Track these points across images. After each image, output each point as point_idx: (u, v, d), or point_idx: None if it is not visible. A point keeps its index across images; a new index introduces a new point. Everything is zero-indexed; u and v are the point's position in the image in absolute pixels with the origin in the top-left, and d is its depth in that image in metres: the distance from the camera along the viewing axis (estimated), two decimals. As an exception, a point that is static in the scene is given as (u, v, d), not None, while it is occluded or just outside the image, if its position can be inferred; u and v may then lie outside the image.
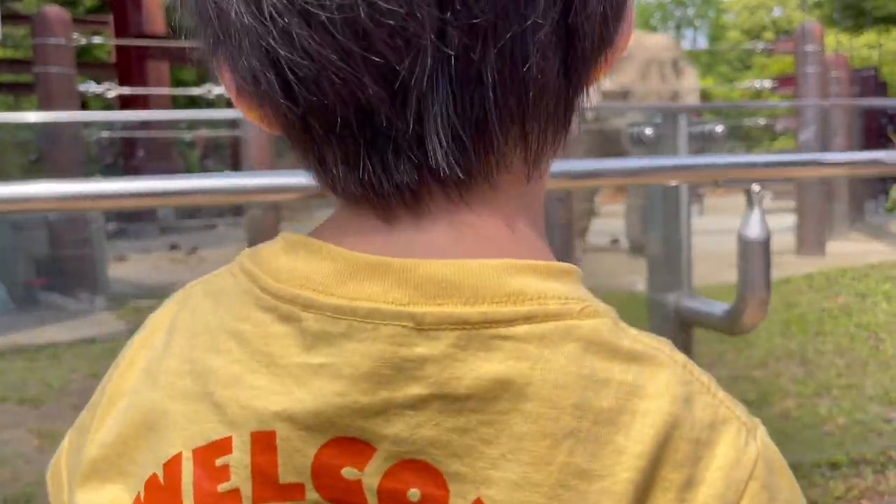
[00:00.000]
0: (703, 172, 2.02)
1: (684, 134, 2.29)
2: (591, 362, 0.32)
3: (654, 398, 0.32)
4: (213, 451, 0.33)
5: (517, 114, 0.33)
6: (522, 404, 0.31)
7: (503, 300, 0.32)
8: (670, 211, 2.30)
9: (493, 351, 0.31)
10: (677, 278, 2.29)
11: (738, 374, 3.61)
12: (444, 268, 0.32)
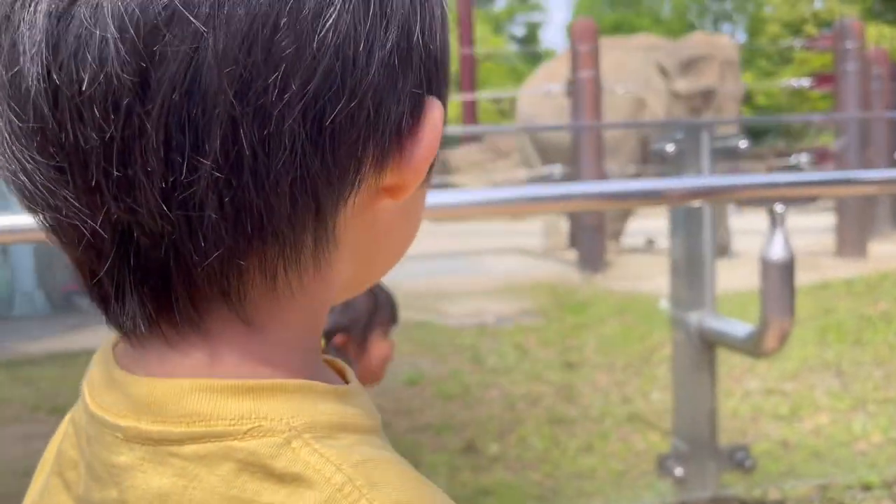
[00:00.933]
0: (725, 193, 2.00)
1: (707, 150, 2.27)
2: (244, 483, 0.34)
3: None
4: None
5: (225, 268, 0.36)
6: None
7: (178, 420, 0.35)
8: (693, 229, 2.28)
9: (165, 466, 0.35)
10: (700, 296, 2.26)
11: (770, 387, 3.56)
12: (146, 386, 0.36)
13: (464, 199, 2.34)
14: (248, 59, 0.32)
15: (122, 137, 0.32)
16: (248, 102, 0.32)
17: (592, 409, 3.35)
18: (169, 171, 0.32)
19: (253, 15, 0.32)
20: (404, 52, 0.35)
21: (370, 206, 0.37)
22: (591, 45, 7.26)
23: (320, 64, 0.32)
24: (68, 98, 0.32)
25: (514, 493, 2.58)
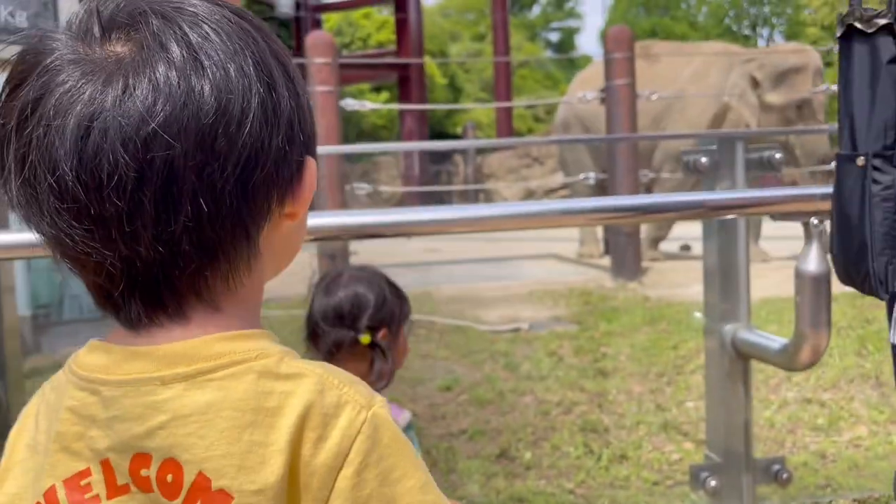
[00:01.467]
0: (760, 207, 2.00)
1: (742, 162, 2.27)
2: (263, 383, 0.55)
3: (299, 396, 0.55)
4: (78, 478, 0.57)
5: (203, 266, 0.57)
6: (221, 413, 0.54)
7: (208, 359, 0.56)
8: (728, 240, 2.28)
9: (204, 388, 0.55)
10: (735, 308, 2.26)
11: (807, 397, 3.52)
12: (171, 348, 0.57)
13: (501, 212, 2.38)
14: (201, 155, 0.53)
15: (129, 208, 0.53)
16: (203, 180, 0.53)
17: (626, 418, 3.35)
18: (159, 224, 0.53)
19: (202, 130, 0.52)
20: (290, 137, 0.57)
21: (277, 227, 0.60)
22: (626, 52, 7.24)
23: (242, 153, 0.54)
24: (93, 189, 0.52)
25: (548, 501, 2.60)
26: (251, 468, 0.54)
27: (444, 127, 24.84)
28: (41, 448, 0.59)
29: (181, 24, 0.54)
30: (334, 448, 0.55)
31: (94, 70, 0.53)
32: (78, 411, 0.58)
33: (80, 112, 0.51)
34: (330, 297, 1.46)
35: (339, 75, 7.08)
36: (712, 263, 2.33)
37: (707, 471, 2.32)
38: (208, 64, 0.53)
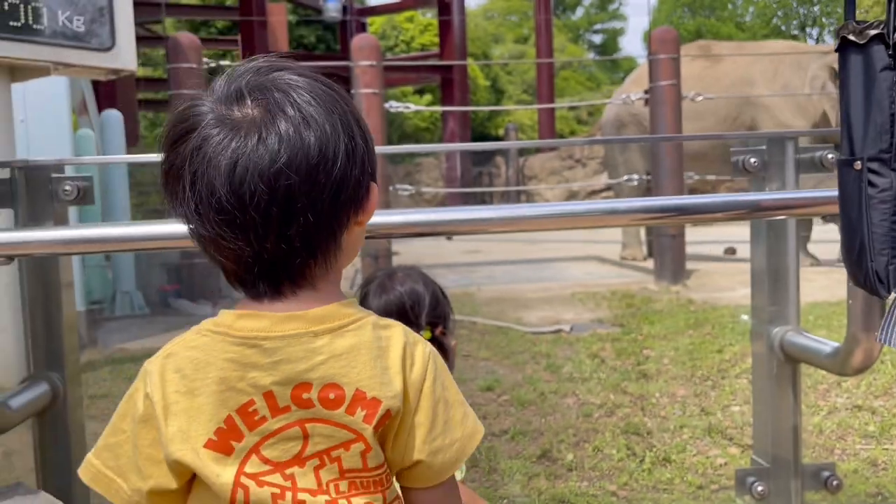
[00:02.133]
0: (810, 208, 1.97)
1: (792, 162, 2.23)
2: (377, 332, 0.84)
3: (396, 338, 0.84)
4: (246, 406, 0.79)
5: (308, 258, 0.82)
6: (361, 351, 0.81)
7: (343, 317, 0.83)
8: (777, 241, 2.25)
9: (345, 337, 0.82)
10: (783, 311, 2.23)
11: (858, 403, 3.44)
12: (313, 313, 0.82)
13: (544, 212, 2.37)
14: (308, 185, 0.78)
15: (263, 218, 0.77)
16: (309, 201, 0.78)
17: (669, 421, 3.32)
18: (280, 230, 0.78)
19: (310, 168, 0.77)
20: (363, 170, 0.82)
21: (351, 231, 0.84)
22: (671, 53, 7.16)
23: (334, 182, 0.79)
24: (239, 206, 0.77)
25: (590, 503, 2.59)
26: (387, 383, 0.81)
27: (487, 129, 24.83)
28: (200, 391, 0.80)
29: (293, 94, 0.80)
30: (420, 369, 0.84)
31: (236, 126, 0.78)
32: (237, 360, 0.80)
33: (229, 155, 0.77)
34: (388, 294, 1.47)
35: (384, 78, 7.14)
36: (760, 265, 2.29)
37: (754, 476, 2.28)
38: (312, 122, 0.79)
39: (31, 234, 1.71)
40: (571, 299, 6.39)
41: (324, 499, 0.80)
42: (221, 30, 20.73)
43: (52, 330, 1.97)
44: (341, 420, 0.80)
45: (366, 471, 0.81)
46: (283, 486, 0.79)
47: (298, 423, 0.79)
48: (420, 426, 0.82)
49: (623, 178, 8.52)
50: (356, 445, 0.80)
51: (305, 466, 0.80)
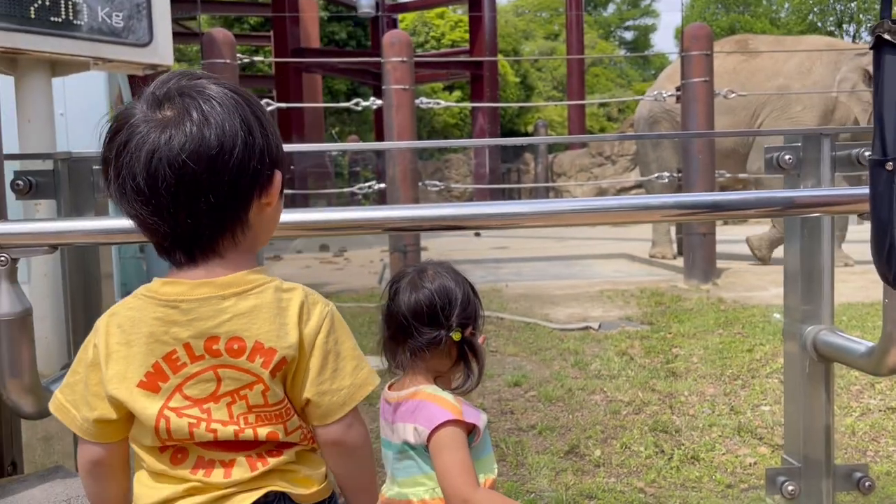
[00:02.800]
0: (847, 206, 1.95)
1: (828, 159, 2.21)
2: (278, 294, 1.01)
3: (296, 299, 1.02)
4: (170, 354, 0.98)
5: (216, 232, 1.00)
6: (262, 310, 0.99)
7: (247, 284, 1.00)
8: (811, 240, 2.23)
9: (248, 299, 1.00)
10: (817, 310, 2.21)
11: (892, 405, 3.39)
12: (221, 279, 1.00)
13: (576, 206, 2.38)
14: (209, 171, 0.95)
15: (172, 199, 0.95)
16: (211, 184, 0.95)
17: (698, 420, 3.30)
18: (188, 208, 0.96)
19: (210, 158, 0.95)
20: (261, 160, 0.99)
21: (261, 210, 1.02)
22: (704, 50, 7.09)
23: (233, 169, 0.96)
24: (153, 189, 0.95)
25: (618, 499, 2.59)
26: (283, 336, 0.99)
27: (516, 125, 24.76)
28: (134, 343, 0.99)
29: (200, 100, 0.97)
30: (315, 324, 1.02)
31: (155, 125, 0.96)
32: (163, 318, 0.99)
33: (147, 148, 0.95)
34: (418, 292, 1.42)
35: (414, 74, 7.17)
36: (794, 263, 2.28)
37: (784, 475, 2.27)
38: (213, 122, 0.96)
39: (74, 223, 1.76)
40: (600, 297, 6.37)
41: (233, 428, 0.99)
42: (254, 26, 20.92)
43: (92, 318, 2.02)
44: (244, 366, 0.99)
45: (267, 406, 1.01)
46: (199, 418, 0.98)
47: (212, 368, 0.98)
48: (310, 370, 1.01)
49: (654, 176, 8.45)
50: (258, 386, 0.99)
51: (220, 402, 0.99)
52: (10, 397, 1.67)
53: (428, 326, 1.40)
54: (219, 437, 0.99)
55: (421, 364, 1.43)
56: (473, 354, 1.44)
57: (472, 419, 1.37)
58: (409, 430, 1.38)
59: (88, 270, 2.00)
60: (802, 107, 7.93)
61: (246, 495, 1.00)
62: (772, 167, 2.27)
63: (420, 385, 1.43)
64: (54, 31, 3.37)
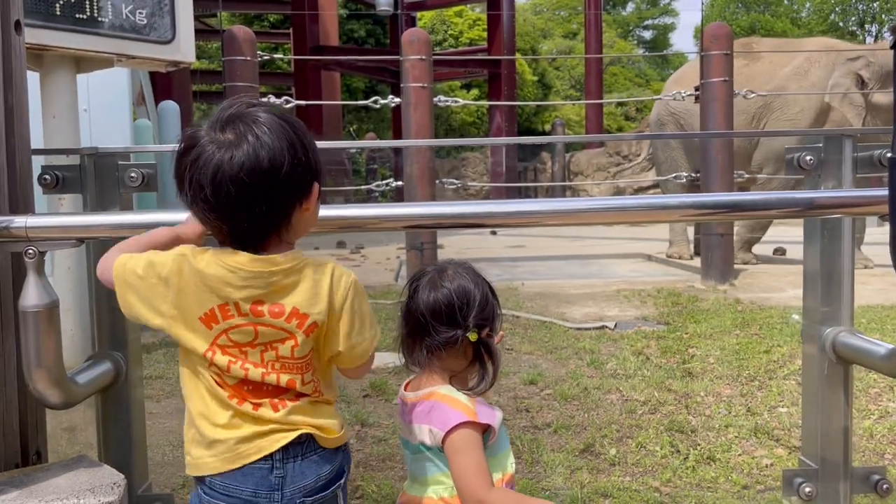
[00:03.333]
0: (868, 207, 1.94)
1: (850, 161, 2.20)
2: (314, 270, 1.26)
3: (327, 273, 1.26)
4: (224, 306, 1.22)
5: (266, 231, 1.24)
6: (300, 283, 1.24)
7: (289, 263, 1.24)
8: (831, 241, 2.22)
9: (290, 276, 1.24)
10: (837, 311, 2.20)
11: (911, 410, 3.37)
12: (276, 258, 1.23)
13: (594, 205, 2.38)
14: (263, 185, 1.18)
15: (234, 207, 1.19)
16: (265, 195, 1.19)
17: (714, 420, 3.30)
18: (246, 213, 1.20)
19: (264, 174, 1.18)
20: (303, 175, 1.22)
21: (301, 214, 1.25)
22: (724, 49, 7.05)
23: (281, 183, 1.19)
24: (216, 198, 1.18)
25: (633, 498, 2.59)
26: (315, 304, 1.23)
27: (533, 124, 24.71)
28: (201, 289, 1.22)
29: (254, 126, 1.20)
30: (342, 294, 1.25)
31: (219, 146, 1.18)
32: (223, 280, 1.21)
33: (213, 165, 1.17)
34: (437, 291, 1.43)
35: (432, 72, 7.18)
36: (814, 265, 2.27)
37: (802, 477, 2.26)
38: (265, 144, 1.18)
39: (100, 217, 1.79)
40: (616, 296, 6.36)
41: (261, 371, 1.24)
42: (274, 23, 21.00)
43: (117, 312, 2.04)
44: (281, 325, 1.22)
45: (293, 359, 1.24)
46: (237, 356, 1.23)
47: (252, 324, 1.22)
48: (341, 330, 1.26)
49: (671, 176, 8.42)
50: (289, 342, 1.23)
51: (255, 349, 1.23)
52: (36, 387, 1.71)
53: (445, 326, 1.41)
54: (249, 376, 1.23)
55: (437, 363, 1.44)
56: (489, 356, 1.45)
57: (486, 419, 1.38)
58: (425, 432, 1.39)
59: (113, 264, 2.03)
60: (800, 108, 7.88)
61: (282, 434, 1.24)
62: (792, 168, 2.26)
63: (435, 385, 1.44)
64: (79, 28, 3.42)
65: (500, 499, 1.33)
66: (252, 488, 1.23)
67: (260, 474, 1.23)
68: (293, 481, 1.24)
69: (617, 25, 37.95)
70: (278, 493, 1.24)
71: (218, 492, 1.25)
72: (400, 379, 4.00)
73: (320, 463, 1.28)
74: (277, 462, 1.24)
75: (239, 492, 1.24)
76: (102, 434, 2.06)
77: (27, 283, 1.62)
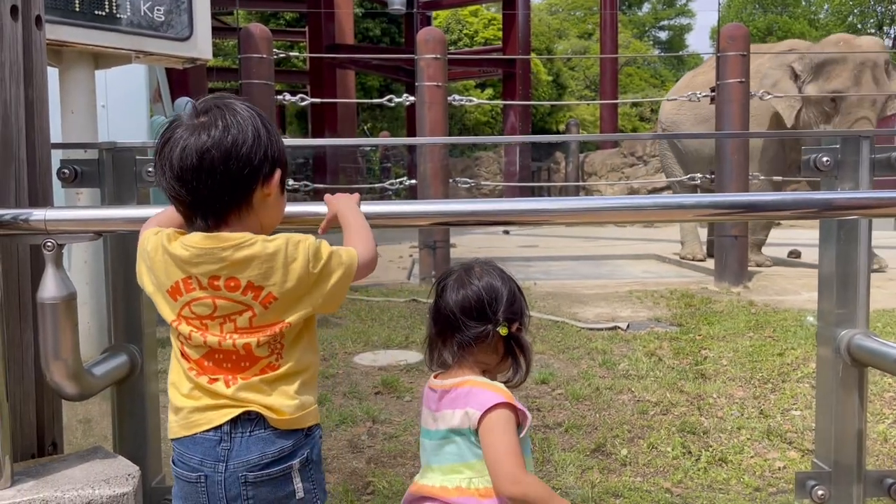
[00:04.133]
0: (886, 209, 1.93)
1: (867, 162, 2.19)
2: (265, 244, 1.29)
3: (280, 245, 1.29)
4: (187, 279, 1.31)
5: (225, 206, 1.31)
6: (252, 259, 1.28)
7: (240, 239, 1.28)
8: (847, 243, 2.21)
9: (242, 250, 1.28)
10: (852, 314, 2.19)
11: (926, 414, 3.35)
12: (227, 235, 1.29)
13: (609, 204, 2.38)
14: (223, 159, 1.27)
15: (196, 179, 1.27)
16: (225, 169, 1.27)
17: (727, 422, 3.28)
18: (207, 185, 1.27)
19: (226, 150, 1.28)
20: (263, 157, 1.30)
21: (262, 198, 1.32)
22: (741, 50, 7.01)
23: (241, 160, 1.28)
24: (183, 171, 1.28)
25: (644, 498, 2.59)
26: (269, 276, 1.28)
27: (548, 124, 24.66)
28: (168, 265, 1.31)
29: (226, 111, 1.30)
30: (302, 261, 1.29)
31: (190, 129, 1.28)
32: (181, 258, 1.29)
33: (181, 144, 1.27)
34: (466, 288, 1.46)
35: (447, 71, 7.18)
36: (829, 267, 2.26)
37: (814, 479, 2.25)
38: (233, 126, 1.28)
39: (118, 211, 1.81)
40: (629, 297, 6.34)
41: (217, 338, 1.30)
42: (290, 21, 21.07)
43: (133, 305, 2.07)
44: (238, 299, 1.29)
45: (251, 328, 1.30)
46: (198, 328, 1.31)
47: (211, 297, 1.30)
48: (308, 291, 1.31)
49: (685, 177, 8.38)
50: (247, 313, 1.30)
51: (215, 321, 1.30)
52: (53, 379, 1.72)
53: (475, 321, 1.43)
54: (208, 342, 1.31)
55: (469, 358, 1.46)
56: (520, 349, 1.47)
57: (522, 408, 1.40)
58: (458, 415, 1.40)
59: (129, 258, 2.05)
60: (754, 113, 7.80)
61: (231, 410, 1.30)
62: (809, 169, 2.25)
63: (469, 375, 1.45)
64: (98, 25, 3.45)
65: (534, 482, 1.34)
66: (200, 456, 1.30)
67: (209, 444, 1.30)
68: (238, 455, 1.29)
69: (633, 26, 37.81)
70: (223, 464, 1.29)
71: (177, 458, 1.34)
72: (412, 377, 4.01)
73: (267, 441, 1.30)
74: (226, 435, 1.30)
75: (189, 458, 1.31)
76: (117, 426, 2.07)
77: (45, 275, 1.64)
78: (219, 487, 1.29)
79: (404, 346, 4.55)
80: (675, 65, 36.74)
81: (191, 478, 1.31)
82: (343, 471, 2.83)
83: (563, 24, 35.01)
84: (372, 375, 4.01)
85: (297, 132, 22.10)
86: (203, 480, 1.30)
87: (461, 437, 1.40)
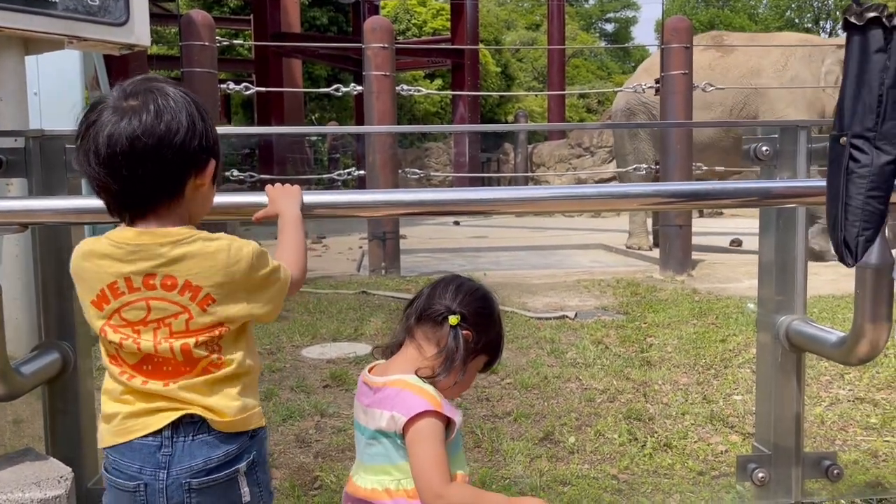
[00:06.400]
0: (821, 197, 1.97)
1: (804, 151, 2.23)
2: (205, 243, 1.25)
3: (219, 244, 1.25)
4: (113, 284, 1.23)
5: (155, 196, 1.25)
6: (192, 258, 1.23)
7: (179, 235, 1.24)
8: (786, 231, 2.25)
9: (180, 247, 1.24)
10: (790, 300, 2.24)
11: (860, 395, 3.46)
12: (164, 230, 1.25)
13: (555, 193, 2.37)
14: (155, 147, 1.21)
15: (125, 166, 1.21)
16: (156, 157, 1.21)
17: (671, 408, 3.34)
18: (137, 173, 1.21)
19: (158, 137, 1.21)
20: (198, 146, 1.25)
21: (195, 188, 1.27)
22: (684, 43, 7.12)
23: (174, 148, 1.22)
24: (111, 158, 1.20)
25: (591, 485, 2.61)
26: (209, 276, 1.23)
27: (497, 115, 24.75)
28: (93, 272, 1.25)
29: (158, 95, 1.23)
30: (245, 264, 1.25)
31: (118, 113, 1.21)
32: (110, 256, 1.23)
33: (108, 129, 1.20)
34: (468, 283, 1.52)
35: (395, 61, 7.12)
36: (768, 254, 2.30)
37: (755, 462, 2.30)
38: (167, 110, 1.22)
39: (45, 202, 1.73)
40: (576, 286, 6.40)
41: (152, 343, 1.24)
42: (234, 9, 20.64)
43: (64, 300, 1.99)
44: (174, 299, 1.23)
45: (188, 332, 1.24)
46: (129, 335, 1.24)
47: (145, 299, 1.23)
48: (248, 297, 1.26)
49: (631, 168, 8.50)
50: (183, 316, 1.23)
51: (148, 327, 1.24)
52: (-21, 378, 1.65)
53: (438, 299, 1.46)
54: (142, 348, 1.24)
55: (410, 344, 1.47)
56: (457, 351, 1.45)
57: (449, 413, 1.38)
58: (385, 417, 1.38)
59: (60, 250, 1.96)
60: (786, 104, 8.00)
61: (169, 413, 1.23)
62: (749, 158, 2.29)
63: (402, 374, 1.43)
64: (28, 8, 3.30)
65: (457, 493, 1.33)
66: (139, 464, 1.23)
67: (147, 451, 1.23)
68: (180, 461, 1.22)
69: (580, 18, 38.17)
70: (164, 471, 1.22)
71: (112, 466, 1.26)
72: (361, 369, 3.96)
73: (212, 445, 1.24)
74: (166, 440, 1.23)
75: (125, 466, 1.23)
76: (50, 426, 2.00)
77: (-33, 269, 1.56)
78: (160, 496, 1.22)
79: (353, 339, 4.51)
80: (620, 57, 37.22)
81: (128, 486, 1.23)
82: (290, 466, 2.79)
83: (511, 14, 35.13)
84: (320, 369, 3.96)
85: (242, 122, 21.70)
86: (142, 489, 1.22)
87: (388, 440, 1.39)
